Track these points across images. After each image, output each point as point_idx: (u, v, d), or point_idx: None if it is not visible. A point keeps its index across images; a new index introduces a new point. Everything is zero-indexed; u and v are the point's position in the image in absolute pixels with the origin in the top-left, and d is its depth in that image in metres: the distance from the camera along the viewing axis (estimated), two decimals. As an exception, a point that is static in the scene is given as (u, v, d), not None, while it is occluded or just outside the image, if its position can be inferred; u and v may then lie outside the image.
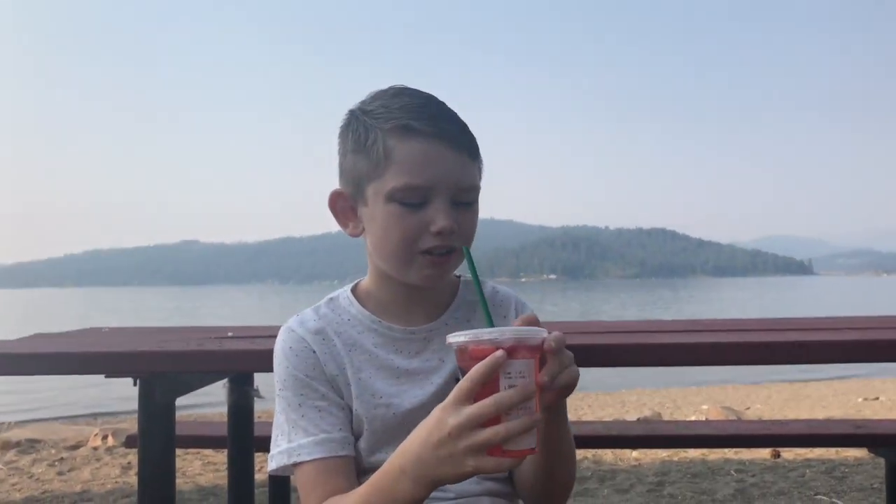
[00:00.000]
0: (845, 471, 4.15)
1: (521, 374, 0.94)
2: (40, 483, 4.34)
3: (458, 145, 1.18)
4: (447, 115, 1.21)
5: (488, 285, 1.36)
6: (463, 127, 1.22)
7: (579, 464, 4.51)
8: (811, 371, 11.64)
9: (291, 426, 1.20)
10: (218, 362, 1.77)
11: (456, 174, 1.18)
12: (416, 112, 1.18)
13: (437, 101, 1.23)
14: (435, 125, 1.17)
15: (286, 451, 1.19)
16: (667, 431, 3.04)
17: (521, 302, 1.36)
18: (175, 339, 2.00)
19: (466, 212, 1.21)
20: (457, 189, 1.19)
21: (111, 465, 4.78)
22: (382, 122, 1.19)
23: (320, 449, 1.18)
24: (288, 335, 1.25)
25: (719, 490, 3.80)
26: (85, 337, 2.24)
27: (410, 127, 1.17)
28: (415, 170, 1.16)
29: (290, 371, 1.22)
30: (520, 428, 0.92)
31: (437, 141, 1.17)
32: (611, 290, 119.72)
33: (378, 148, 1.18)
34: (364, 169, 1.21)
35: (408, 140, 1.17)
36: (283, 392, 1.23)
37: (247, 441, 2.45)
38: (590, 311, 40.68)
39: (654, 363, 1.73)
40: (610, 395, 9.91)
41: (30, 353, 1.76)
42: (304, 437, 1.19)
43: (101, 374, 1.74)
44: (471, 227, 1.22)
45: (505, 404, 0.92)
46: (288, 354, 1.23)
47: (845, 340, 1.72)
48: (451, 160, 1.18)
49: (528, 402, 0.94)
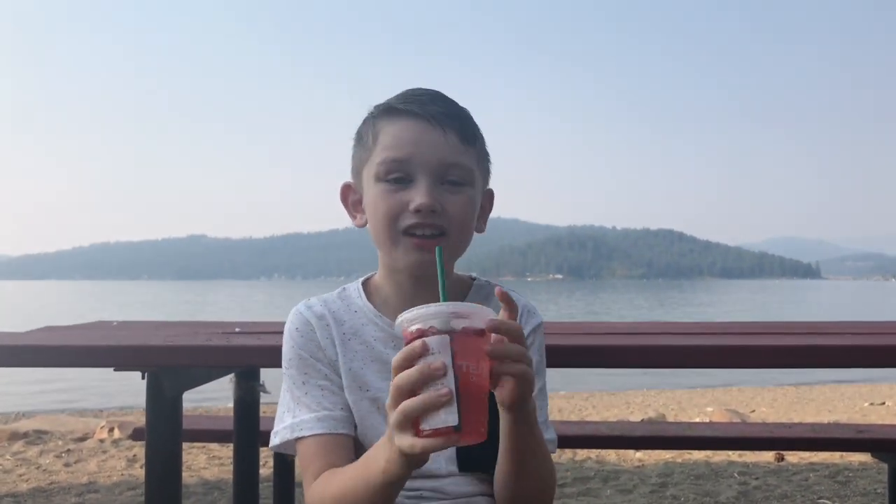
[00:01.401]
0: (849, 475, 4.15)
1: (434, 351, 0.92)
2: (47, 474, 4.38)
3: (444, 125, 1.21)
4: (440, 101, 1.24)
5: (499, 288, 1.37)
6: (455, 112, 1.24)
7: (582, 464, 4.51)
8: (817, 374, 11.60)
9: (296, 402, 1.25)
10: (225, 357, 1.79)
11: (440, 152, 1.21)
12: (405, 96, 1.25)
13: (435, 93, 1.27)
14: (420, 107, 1.22)
15: (290, 426, 1.24)
16: (671, 433, 3.05)
17: (530, 310, 1.36)
18: (183, 334, 2.02)
19: (454, 193, 1.23)
20: (440, 167, 1.21)
21: (117, 457, 4.82)
22: (375, 111, 1.27)
23: (322, 425, 1.22)
24: (296, 317, 1.31)
25: (722, 492, 3.80)
26: (94, 330, 2.26)
27: (394, 108, 1.23)
28: (396, 144, 1.21)
29: (295, 350, 1.28)
30: (417, 404, 0.90)
31: (419, 119, 1.21)
32: (617, 290, 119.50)
33: (369, 133, 1.26)
34: (360, 156, 1.28)
35: (393, 120, 1.23)
36: (289, 370, 1.28)
37: (252, 435, 2.46)
38: (596, 312, 40.63)
39: (659, 365, 1.74)
40: (614, 395, 9.90)
41: (40, 345, 1.78)
42: (306, 413, 1.24)
43: (109, 368, 1.75)
44: (458, 210, 1.22)
45: (405, 381, 0.92)
46: (294, 335, 1.29)
47: (850, 345, 1.72)
48: (433, 138, 1.21)
49: (440, 380, 0.91)
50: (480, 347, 0.94)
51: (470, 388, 0.92)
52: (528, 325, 1.33)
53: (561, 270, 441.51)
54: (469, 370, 0.92)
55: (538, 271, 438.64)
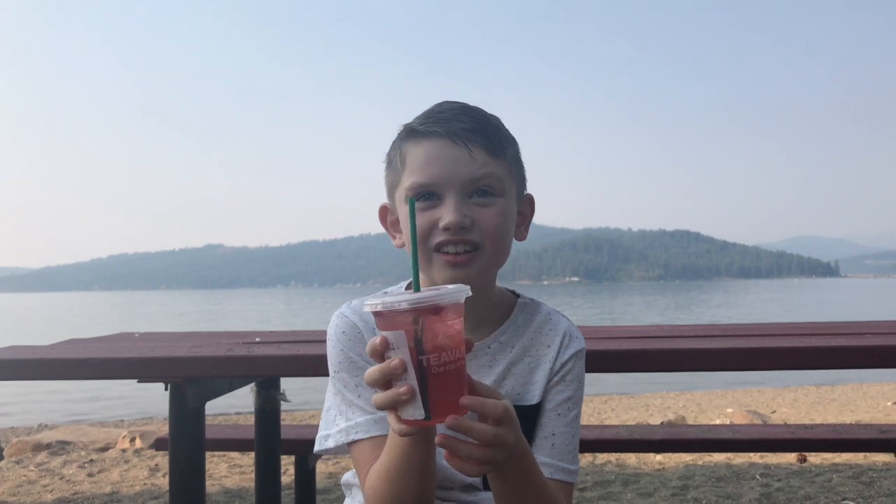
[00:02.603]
0: (872, 476, 4.11)
1: (393, 347, 0.94)
2: (71, 484, 4.42)
3: (468, 141, 1.21)
4: (464, 116, 1.24)
5: (545, 307, 1.37)
6: (480, 126, 1.24)
7: (602, 467, 4.50)
8: (838, 374, 11.49)
9: (348, 406, 1.25)
10: (247, 367, 1.82)
11: (465, 170, 1.21)
12: (427, 116, 1.25)
13: (459, 107, 1.27)
14: (441, 126, 1.22)
15: (345, 429, 1.24)
16: (691, 435, 3.04)
17: (571, 334, 1.34)
18: (205, 345, 2.04)
19: (485, 207, 1.22)
20: (468, 182, 1.21)
21: (139, 467, 4.86)
22: (401, 133, 1.28)
23: (377, 427, 1.22)
24: (341, 320, 1.30)
25: (744, 495, 3.78)
26: (118, 343, 2.30)
27: (415, 130, 1.24)
28: (421, 168, 1.22)
29: (345, 353, 1.27)
30: (385, 401, 0.95)
31: (441, 139, 1.22)
32: (634, 292, 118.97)
33: (397, 156, 1.27)
34: (391, 179, 1.30)
35: (416, 143, 1.24)
36: (339, 374, 1.27)
37: (274, 444, 2.48)
38: (614, 315, 40.46)
39: (678, 368, 1.75)
40: (634, 398, 9.86)
41: (66, 358, 1.81)
42: (361, 416, 1.24)
43: (134, 379, 1.78)
44: (490, 223, 1.22)
45: (370, 380, 0.96)
46: (341, 338, 1.28)
47: (872, 346, 1.71)
48: (457, 156, 1.21)
49: (402, 377, 0.93)
50: (444, 331, 0.94)
51: (434, 380, 0.93)
52: (567, 350, 1.32)
53: (577, 273, 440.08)
54: (431, 363, 0.93)
55: (554, 275, 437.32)
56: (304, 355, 1.78)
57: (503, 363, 1.30)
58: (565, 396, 1.29)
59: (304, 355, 1.78)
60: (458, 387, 0.95)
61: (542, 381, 1.29)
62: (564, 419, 1.28)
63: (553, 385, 1.29)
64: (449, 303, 0.94)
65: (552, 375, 1.30)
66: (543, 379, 1.29)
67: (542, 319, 1.34)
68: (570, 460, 1.28)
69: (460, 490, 1.29)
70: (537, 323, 1.34)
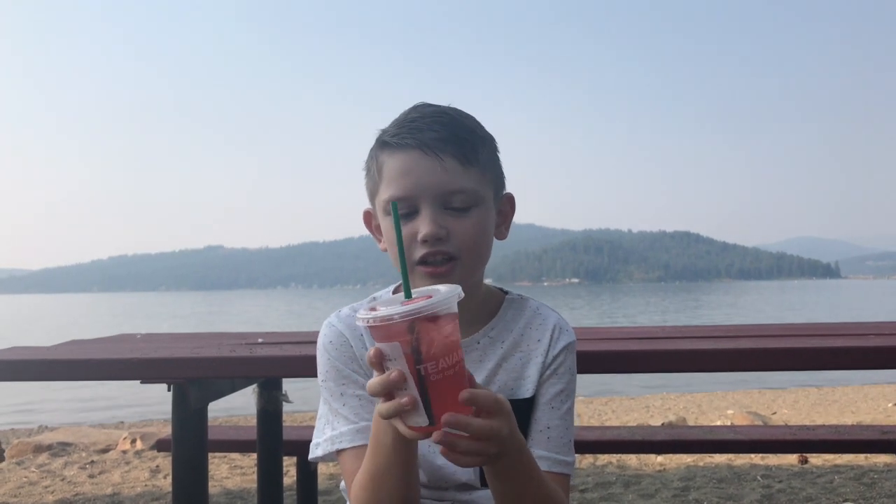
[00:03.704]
0: (874, 477, 4.11)
1: (390, 358, 0.94)
2: (72, 485, 4.42)
3: (439, 152, 1.21)
4: (436, 124, 1.23)
5: (533, 302, 1.38)
6: (451, 134, 1.22)
7: (603, 469, 4.50)
8: (839, 375, 11.48)
9: (334, 415, 1.27)
10: (250, 368, 1.82)
11: (437, 181, 1.21)
12: (401, 126, 1.24)
13: (432, 113, 1.25)
14: (412, 136, 1.22)
15: (330, 438, 1.26)
16: (692, 436, 3.04)
17: (562, 327, 1.35)
18: (207, 346, 2.04)
19: (459, 218, 1.23)
20: (442, 194, 1.21)
21: (140, 468, 4.86)
22: (376, 142, 1.28)
23: (360, 436, 1.23)
24: (328, 329, 1.32)
25: (746, 496, 3.78)
26: (120, 343, 2.30)
27: (387, 142, 1.25)
28: (396, 182, 1.22)
29: (331, 363, 1.29)
30: (389, 411, 0.95)
31: (413, 151, 1.21)
32: (634, 293, 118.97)
33: (374, 166, 1.28)
34: (370, 187, 1.31)
35: (391, 154, 1.24)
36: (326, 383, 1.29)
37: (276, 445, 2.49)
38: (614, 316, 40.45)
39: (683, 369, 1.75)
40: (634, 399, 9.85)
41: (69, 359, 1.81)
42: (345, 426, 1.25)
43: (136, 380, 1.78)
44: (465, 234, 1.23)
45: (371, 391, 0.96)
46: (328, 347, 1.30)
47: (872, 346, 1.72)
48: (430, 168, 1.21)
49: (403, 387, 0.93)
50: (440, 339, 0.93)
51: (434, 387, 0.93)
52: (558, 343, 1.33)
53: (577, 275, 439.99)
54: (429, 371, 0.92)
55: (554, 276, 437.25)
56: (306, 356, 1.78)
57: (494, 358, 1.31)
58: (558, 389, 1.31)
59: (306, 356, 1.78)
60: (459, 391, 0.95)
61: (535, 375, 1.30)
62: (558, 412, 1.30)
63: (546, 378, 1.31)
64: (443, 310, 0.93)
65: (544, 369, 1.31)
66: (536, 373, 1.30)
67: (531, 314, 1.36)
68: (566, 452, 1.29)
69: (455, 489, 1.30)
70: (526, 318, 1.35)
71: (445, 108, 1.27)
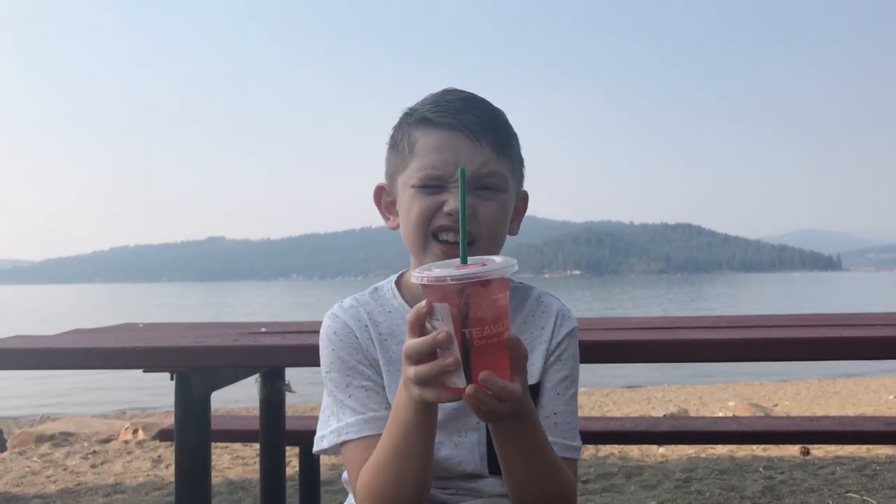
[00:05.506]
0: (876, 468, 4.11)
1: (437, 318, 0.95)
2: (74, 475, 4.43)
3: (476, 136, 1.23)
4: (475, 109, 1.25)
5: (535, 290, 1.38)
6: (490, 120, 1.26)
7: (605, 460, 4.50)
8: (839, 367, 11.49)
9: (339, 406, 1.26)
10: (253, 357, 1.81)
11: (474, 162, 1.23)
12: (440, 105, 1.25)
13: (470, 98, 1.28)
14: (453, 117, 1.23)
15: (336, 430, 1.25)
16: (694, 428, 3.04)
17: (564, 314, 1.36)
18: (211, 335, 2.04)
19: (487, 200, 1.24)
20: (475, 177, 1.23)
21: (142, 458, 4.87)
22: (410, 118, 1.28)
23: (368, 427, 1.23)
24: (332, 321, 1.31)
25: (748, 487, 3.78)
26: (123, 332, 2.29)
27: (428, 119, 1.25)
28: (432, 158, 1.23)
29: (336, 353, 1.28)
30: (428, 372, 0.95)
31: (453, 130, 1.23)
32: (636, 285, 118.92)
33: (405, 142, 1.27)
34: (395, 163, 1.30)
35: (428, 132, 1.24)
36: (330, 374, 1.28)
37: (278, 435, 2.48)
38: (615, 308, 40.46)
39: (680, 359, 1.74)
40: (636, 391, 9.86)
41: (72, 348, 1.81)
42: (351, 416, 1.24)
43: (139, 369, 1.78)
44: (490, 216, 1.24)
45: (415, 350, 0.96)
46: (332, 339, 1.29)
47: (878, 336, 1.71)
48: (467, 148, 1.23)
49: (450, 345, 0.94)
50: (489, 304, 0.94)
51: (477, 352, 0.94)
52: (561, 329, 1.33)
53: (579, 267, 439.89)
54: (473, 335, 0.93)
55: (556, 268, 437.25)
56: (309, 345, 1.77)
57: None
58: (563, 375, 1.31)
59: (309, 345, 1.77)
60: (500, 359, 0.96)
61: (540, 362, 1.31)
62: (564, 397, 1.31)
63: (550, 365, 1.31)
64: (496, 276, 0.94)
65: (549, 355, 1.31)
66: (540, 359, 1.31)
67: (533, 302, 1.36)
68: (573, 437, 1.31)
69: (460, 479, 1.31)
70: (530, 305, 1.36)
71: (480, 97, 1.29)
